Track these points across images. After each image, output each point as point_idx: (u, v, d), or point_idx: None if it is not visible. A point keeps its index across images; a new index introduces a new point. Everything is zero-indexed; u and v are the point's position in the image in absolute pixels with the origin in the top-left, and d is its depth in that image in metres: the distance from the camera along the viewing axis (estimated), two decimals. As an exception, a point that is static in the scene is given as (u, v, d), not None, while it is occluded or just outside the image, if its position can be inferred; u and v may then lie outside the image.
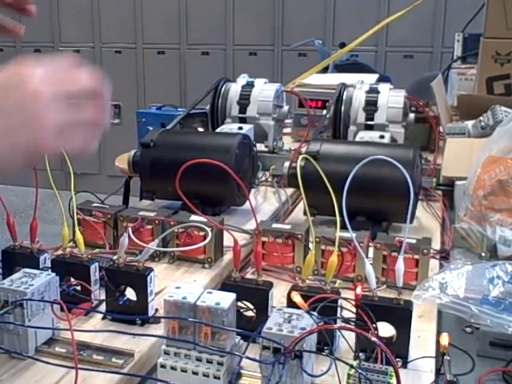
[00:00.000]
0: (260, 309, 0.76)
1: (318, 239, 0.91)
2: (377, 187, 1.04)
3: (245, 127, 1.43)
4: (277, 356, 0.60)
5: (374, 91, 1.47)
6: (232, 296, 0.66)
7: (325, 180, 0.75)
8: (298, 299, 0.67)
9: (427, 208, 1.24)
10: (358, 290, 0.69)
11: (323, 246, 0.92)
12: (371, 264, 0.73)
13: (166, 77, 4.45)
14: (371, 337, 0.61)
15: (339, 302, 0.72)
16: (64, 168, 0.84)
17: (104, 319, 0.81)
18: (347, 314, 0.72)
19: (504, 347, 0.76)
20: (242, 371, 0.67)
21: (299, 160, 0.85)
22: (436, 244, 1.05)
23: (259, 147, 1.40)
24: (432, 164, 1.40)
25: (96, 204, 1.06)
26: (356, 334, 0.70)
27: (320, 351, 0.68)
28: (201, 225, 0.93)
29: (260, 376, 0.63)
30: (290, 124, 1.76)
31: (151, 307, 0.80)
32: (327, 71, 2.68)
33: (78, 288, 0.83)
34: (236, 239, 0.77)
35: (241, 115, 1.51)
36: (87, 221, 1.01)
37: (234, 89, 1.56)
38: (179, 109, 1.76)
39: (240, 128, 1.42)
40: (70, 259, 0.83)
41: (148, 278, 0.78)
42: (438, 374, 0.69)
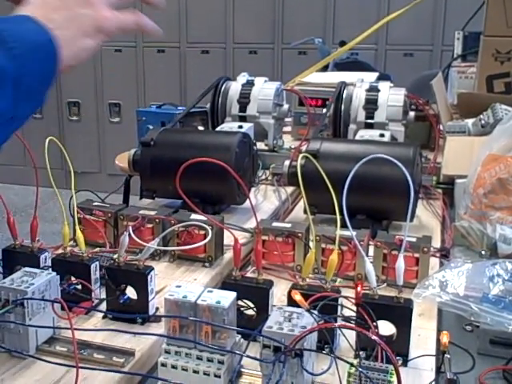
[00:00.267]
0: (260, 307, 0.77)
1: (319, 238, 0.91)
2: (377, 186, 1.04)
3: (245, 126, 1.43)
4: (277, 355, 0.60)
5: (374, 89, 1.47)
6: (232, 295, 0.66)
7: (325, 178, 0.75)
8: (299, 298, 0.67)
9: (427, 206, 1.24)
10: (359, 289, 0.69)
11: (323, 245, 0.92)
12: (371, 262, 0.73)
13: (166, 75, 4.45)
14: (371, 335, 0.61)
15: (339, 301, 0.72)
16: (64, 167, 0.84)
17: (104, 318, 0.81)
18: (347, 313, 0.72)
19: (504, 345, 0.76)
20: (243, 370, 0.68)
21: (299, 158, 0.85)
22: (436, 242, 1.05)
23: (259, 146, 1.41)
24: (432, 162, 1.40)
25: (96, 203, 1.06)
26: (356, 333, 0.70)
27: (320, 350, 0.68)
28: (201, 223, 0.93)
29: (260, 375, 0.63)
30: (290, 122, 1.76)
31: (152, 306, 0.80)
32: (327, 69, 2.68)
33: (79, 287, 0.83)
34: (236, 238, 0.77)
35: (241, 114, 1.51)
36: (88, 219, 1.01)
37: (234, 87, 1.56)
38: (179, 107, 1.75)
39: (240, 126, 1.42)
40: (71, 258, 0.83)
41: (148, 277, 0.78)
42: (439, 373, 0.69)
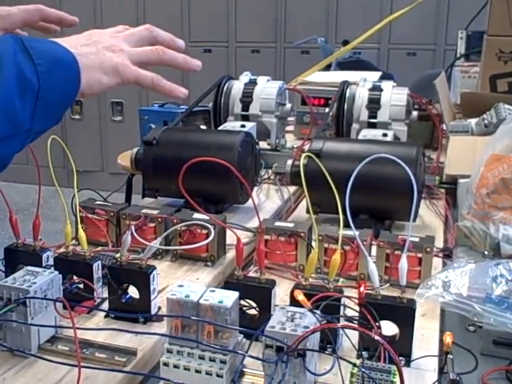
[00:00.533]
0: (263, 307, 0.76)
1: (321, 237, 0.91)
2: (380, 185, 1.04)
3: (247, 125, 1.42)
4: (280, 354, 0.60)
5: (377, 89, 1.47)
6: (235, 294, 0.66)
7: (328, 178, 0.74)
8: (301, 298, 0.67)
9: (430, 206, 1.23)
10: (361, 289, 0.68)
11: (326, 245, 0.92)
12: (374, 262, 0.73)
13: (168, 74, 4.42)
14: (374, 335, 0.61)
15: (342, 301, 0.72)
16: (66, 165, 0.85)
17: (107, 317, 0.81)
18: (350, 313, 0.72)
19: (507, 346, 0.76)
20: (245, 370, 0.67)
21: (302, 158, 0.85)
22: (439, 242, 1.05)
23: (262, 145, 1.41)
24: (435, 162, 1.40)
25: (98, 202, 1.06)
26: (359, 333, 0.69)
27: (323, 350, 0.68)
28: (203, 223, 0.93)
29: (263, 374, 0.63)
30: (293, 122, 1.75)
31: (154, 305, 0.80)
32: (330, 69, 2.68)
33: (81, 286, 0.83)
34: (239, 237, 0.77)
35: (243, 113, 1.51)
36: (90, 218, 1.01)
37: (237, 86, 1.55)
38: (181, 106, 1.75)
39: (243, 126, 1.42)
40: (73, 257, 0.83)
41: (151, 276, 0.78)
42: (441, 373, 0.69)
